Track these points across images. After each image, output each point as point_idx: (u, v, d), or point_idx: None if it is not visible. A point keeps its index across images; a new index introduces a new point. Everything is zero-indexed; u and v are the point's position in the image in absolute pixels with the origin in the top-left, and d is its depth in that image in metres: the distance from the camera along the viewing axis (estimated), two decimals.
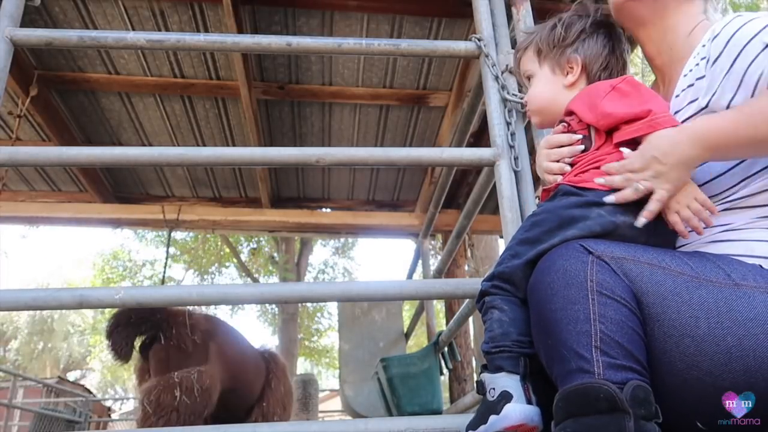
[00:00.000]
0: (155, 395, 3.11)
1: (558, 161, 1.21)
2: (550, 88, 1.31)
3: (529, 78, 1.37)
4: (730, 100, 1.07)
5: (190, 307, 3.60)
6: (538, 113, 1.35)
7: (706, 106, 1.10)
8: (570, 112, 1.22)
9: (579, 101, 1.20)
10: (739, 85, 1.06)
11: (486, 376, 1.04)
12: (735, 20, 1.10)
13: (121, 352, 3.33)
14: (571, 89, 1.28)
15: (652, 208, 1.03)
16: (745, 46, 1.05)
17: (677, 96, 1.18)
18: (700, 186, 1.10)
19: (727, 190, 1.08)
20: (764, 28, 1.05)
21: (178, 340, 3.38)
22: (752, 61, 1.04)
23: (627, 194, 1.04)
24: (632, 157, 1.06)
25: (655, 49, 1.28)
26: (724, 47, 1.09)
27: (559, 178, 1.19)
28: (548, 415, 0.96)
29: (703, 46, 1.15)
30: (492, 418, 0.97)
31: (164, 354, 3.35)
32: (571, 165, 1.19)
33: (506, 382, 1.00)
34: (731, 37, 1.08)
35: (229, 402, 3.60)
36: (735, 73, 1.06)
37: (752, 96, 1.04)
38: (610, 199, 1.05)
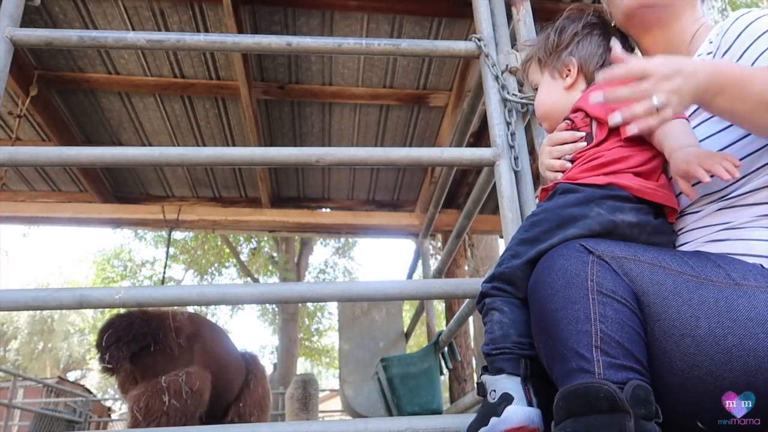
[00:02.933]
0: (144, 401, 3.12)
1: (560, 159, 1.22)
2: (552, 92, 1.34)
3: (536, 88, 1.41)
4: None
5: (173, 308, 3.61)
6: (544, 119, 1.38)
7: None
8: (575, 110, 1.24)
9: (587, 97, 1.22)
10: None
11: (487, 378, 1.04)
12: (745, 16, 1.11)
13: (119, 368, 3.34)
14: (570, 91, 1.31)
15: (652, 122, 0.92)
16: (755, 41, 1.06)
17: None
18: (696, 184, 1.10)
19: (728, 186, 1.07)
20: None
21: (164, 344, 3.40)
22: (759, 55, 1.04)
23: (637, 110, 0.92)
24: (654, 62, 0.94)
25: (660, 54, 1.29)
26: (735, 41, 1.09)
27: (560, 176, 1.19)
28: (549, 416, 0.95)
29: (710, 42, 1.16)
30: (493, 420, 0.97)
31: (151, 360, 3.36)
32: (572, 162, 1.20)
33: (507, 384, 1.00)
34: (742, 32, 1.09)
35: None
36: (746, 63, 1.07)
37: None
38: (616, 118, 0.95)
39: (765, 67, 1.01)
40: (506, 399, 0.98)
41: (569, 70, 1.31)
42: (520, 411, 0.96)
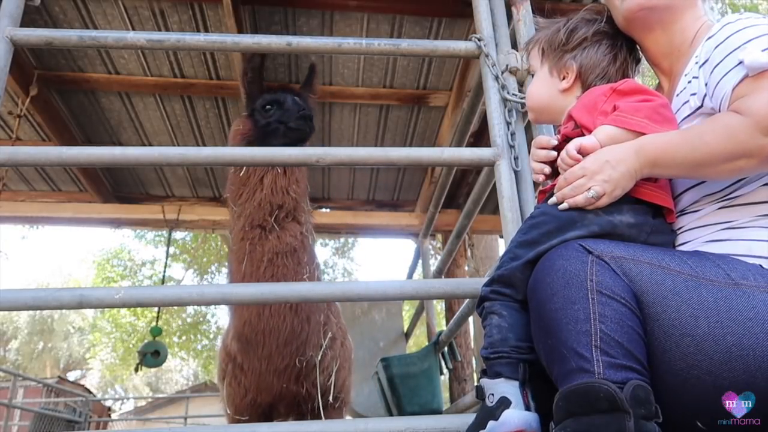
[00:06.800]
0: None
1: (543, 162, 1.26)
2: (547, 90, 1.33)
3: (531, 74, 1.40)
4: (719, 106, 1.08)
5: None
6: (533, 111, 1.38)
7: (701, 106, 1.11)
8: (569, 118, 1.24)
9: (580, 105, 1.22)
10: (712, 95, 1.08)
11: (485, 382, 1.04)
12: (728, 26, 1.10)
13: None
14: (565, 95, 1.30)
15: (587, 206, 1.06)
16: (725, 57, 1.06)
17: (678, 95, 1.19)
18: (698, 185, 1.11)
19: (728, 187, 1.08)
20: (748, 42, 1.03)
21: None
22: (723, 77, 1.05)
23: (579, 201, 1.06)
24: (587, 160, 1.09)
25: (662, 53, 1.29)
26: (713, 51, 1.09)
27: (541, 178, 1.23)
28: (547, 420, 0.96)
29: (703, 46, 1.16)
30: (490, 423, 0.97)
31: None
32: (553, 169, 1.23)
33: (505, 387, 1.00)
34: (720, 44, 1.09)
35: None
36: (712, 81, 1.08)
37: (719, 110, 1.06)
38: (564, 206, 1.07)
39: (685, 130, 1.07)
40: (504, 403, 0.98)
41: (567, 75, 1.30)
42: (517, 415, 0.96)
